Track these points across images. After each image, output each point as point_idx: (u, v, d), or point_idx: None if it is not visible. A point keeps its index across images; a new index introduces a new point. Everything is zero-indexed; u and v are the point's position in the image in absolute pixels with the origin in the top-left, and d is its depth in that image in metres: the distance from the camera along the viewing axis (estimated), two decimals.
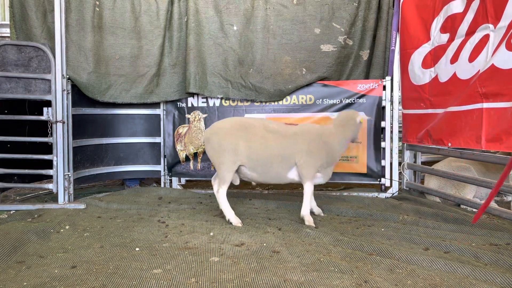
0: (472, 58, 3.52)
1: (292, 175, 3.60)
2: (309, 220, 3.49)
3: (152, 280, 2.31)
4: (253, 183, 3.85)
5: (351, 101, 4.71)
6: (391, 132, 4.82)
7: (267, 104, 4.87)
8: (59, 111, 4.03)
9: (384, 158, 4.73)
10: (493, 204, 4.00)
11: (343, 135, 3.68)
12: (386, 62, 4.77)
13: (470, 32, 3.59)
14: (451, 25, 3.86)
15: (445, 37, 3.95)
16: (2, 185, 4.08)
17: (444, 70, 3.93)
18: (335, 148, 3.65)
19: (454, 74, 3.78)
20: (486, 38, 3.39)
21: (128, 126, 5.12)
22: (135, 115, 5.12)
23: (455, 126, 3.72)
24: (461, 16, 3.72)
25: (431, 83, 4.15)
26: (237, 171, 3.63)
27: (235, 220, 3.48)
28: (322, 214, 3.85)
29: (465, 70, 3.62)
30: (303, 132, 3.62)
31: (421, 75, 4.29)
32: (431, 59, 4.15)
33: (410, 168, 4.80)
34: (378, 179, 4.72)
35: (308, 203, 3.58)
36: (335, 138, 3.64)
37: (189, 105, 5.03)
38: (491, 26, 3.34)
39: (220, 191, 3.58)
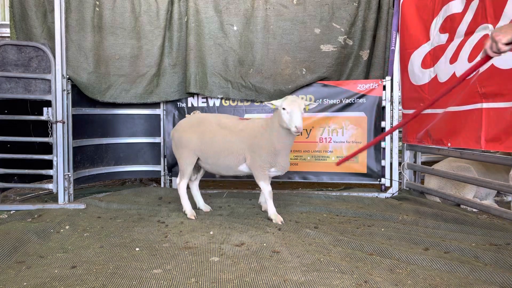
0: (471, 58, 3.52)
1: (243, 168, 3.76)
2: (275, 219, 3.57)
3: (152, 280, 2.31)
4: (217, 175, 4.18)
5: (351, 101, 4.71)
6: None
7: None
8: (59, 111, 4.04)
9: (384, 158, 4.73)
10: (493, 204, 4.00)
11: (274, 123, 3.55)
12: (386, 62, 4.77)
13: (469, 32, 3.59)
14: (450, 25, 3.86)
15: (444, 37, 3.95)
16: (2, 185, 4.09)
17: (443, 70, 3.93)
18: (274, 138, 3.53)
19: (454, 74, 3.78)
20: (485, 38, 3.39)
21: (128, 126, 5.12)
22: (135, 115, 5.12)
23: (454, 126, 3.72)
24: (460, 16, 3.72)
25: (431, 83, 4.15)
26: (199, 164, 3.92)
27: (190, 213, 3.75)
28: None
29: (465, 70, 3.61)
30: (247, 129, 3.71)
31: (420, 75, 4.29)
32: (431, 59, 4.15)
33: (410, 168, 4.80)
34: (378, 179, 4.73)
35: (271, 204, 3.66)
36: (270, 127, 3.57)
37: (189, 105, 5.04)
38: (490, 26, 3.34)
39: (181, 184, 3.87)
